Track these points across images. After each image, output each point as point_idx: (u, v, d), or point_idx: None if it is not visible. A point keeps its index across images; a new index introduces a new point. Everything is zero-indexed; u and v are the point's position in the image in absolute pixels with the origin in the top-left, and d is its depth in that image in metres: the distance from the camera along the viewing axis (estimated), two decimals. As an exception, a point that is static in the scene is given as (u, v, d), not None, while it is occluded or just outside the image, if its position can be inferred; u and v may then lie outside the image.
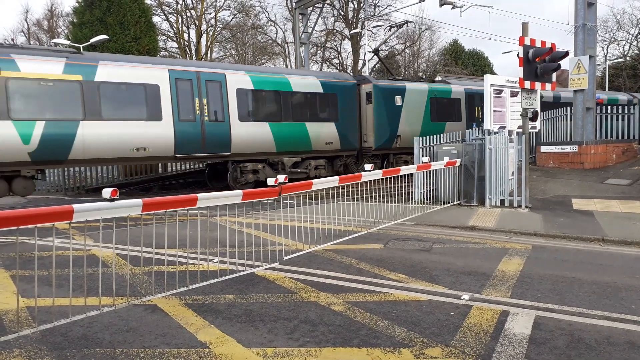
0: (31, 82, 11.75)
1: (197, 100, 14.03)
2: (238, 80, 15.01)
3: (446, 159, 11.13)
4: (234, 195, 5.99)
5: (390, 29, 23.95)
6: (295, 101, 16.39)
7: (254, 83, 15.36)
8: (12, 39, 41.95)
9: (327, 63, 45.48)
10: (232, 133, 14.65)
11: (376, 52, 22.32)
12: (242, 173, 15.44)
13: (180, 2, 37.55)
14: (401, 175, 9.80)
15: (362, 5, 41.16)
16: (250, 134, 15.07)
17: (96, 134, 12.51)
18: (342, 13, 42.68)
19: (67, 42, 23.31)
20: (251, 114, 15.23)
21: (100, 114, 12.61)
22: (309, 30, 27.39)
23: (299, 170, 16.38)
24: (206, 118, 14.16)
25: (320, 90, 16.88)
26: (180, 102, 13.81)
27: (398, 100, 18.62)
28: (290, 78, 16.42)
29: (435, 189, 11.80)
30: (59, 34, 40.30)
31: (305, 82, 16.69)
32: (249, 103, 15.24)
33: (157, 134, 13.39)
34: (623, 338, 4.06)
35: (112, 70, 12.94)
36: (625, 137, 17.90)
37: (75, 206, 4.36)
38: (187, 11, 38.31)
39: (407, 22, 22.09)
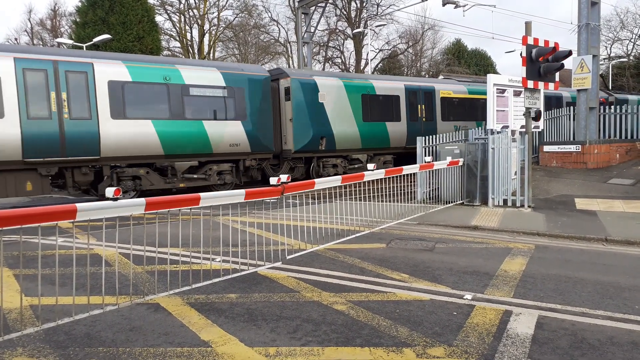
0: None
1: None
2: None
3: (449, 159, 11.12)
4: (237, 195, 6.00)
5: None
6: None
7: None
8: (16, 39, 42.06)
9: (330, 62, 45.50)
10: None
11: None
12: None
13: (183, 1, 37.63)
14: (404, 175, 9.79)
15: (364, 4, 41.14)
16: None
17: None
18: (345, 12, 42.68)
19: (71, 42, 23.38)
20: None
21: None
22: (312, 29, 27.39)
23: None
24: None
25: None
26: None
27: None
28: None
29: (438, 188, 11.78)
30: (62, 34, 40.41)
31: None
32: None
33: None
34: (626, 338, 4.05)
35: None
36: (629, 137, 17.83)
37: (79, 205, 4.38)
38: (189, 11, 38.38)
39: None
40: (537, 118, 10.70)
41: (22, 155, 11.50)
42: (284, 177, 6.56)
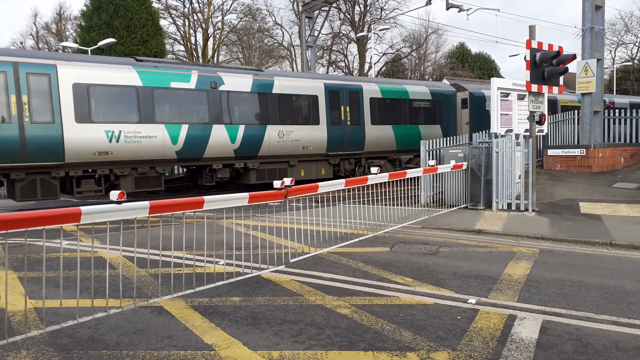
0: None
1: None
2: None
3: (453, 162, 11.10)
4: (240, 198, 6.01)
5: None
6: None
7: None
8: (21, 42, 42.31)
9: (334, 66, 45.57)
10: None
11: None
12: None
13: (188, 5, 37.78)
14: (407, 179, 9.78)
15: (368, 8, 41.21)
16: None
17: None
18: (349, 16, 42.77)
19: (75, 46, 23.51)
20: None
21: None
22: (315, 33, 27.46)
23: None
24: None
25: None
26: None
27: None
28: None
29: (442, 192, 11.76)
30: (67, 37, 40.66)
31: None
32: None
33: None
34: (632, 343, 4.03)
35: None
36: (634, 141, 17.77)
37: (83, 208, 4.39)
38: (194, 14, 38.55)
39: None
40: (541, 122, 10.68)
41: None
42: (287, 181, 6.56)
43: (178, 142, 13.69)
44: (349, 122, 17.25)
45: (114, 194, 4.62)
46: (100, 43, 21.08)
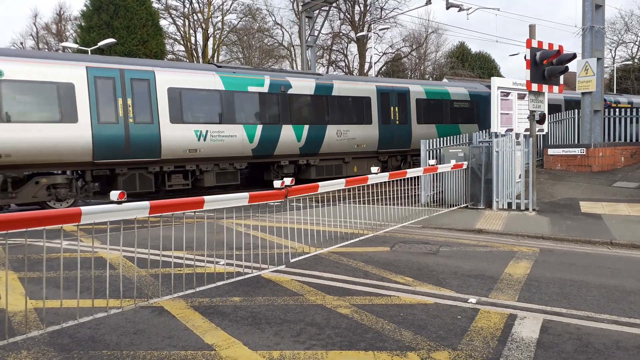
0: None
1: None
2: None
3: (453, 162, 11.10)
4: (241, 198, 6.01)
5: None
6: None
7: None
8: (21, 43, 42.32)
9: (334, 66, 45.57)
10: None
11: None
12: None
13: (187, 5, 37.79)
14: (408, 178, 9.78)
15: (368, 8, 41.21)
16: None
17: None
18: (349, 16, 42.76)
19: (76, 46, 23.51)
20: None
21: None
22: (315, 33, 27.45)
23: None
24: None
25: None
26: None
27: None
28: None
29: (442, 191, 11.76)
30: (67, 38, 40.67)
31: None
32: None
33: None
34: (632, 342, 4.02)
35: None
36: (635, 140, 17.76)
37: (83, 208, 4.39)
38: (194, 15, 38.56)
39: None
40: (541, 121, 10.68)
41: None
42: (287, 181, 6.56)
43: (254, 141, 15.13)
44: (397, 122, 18.63)
45: (114, 194, 4.61)
46: (100, 43, 21.09)
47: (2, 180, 11.44)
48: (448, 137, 12.92)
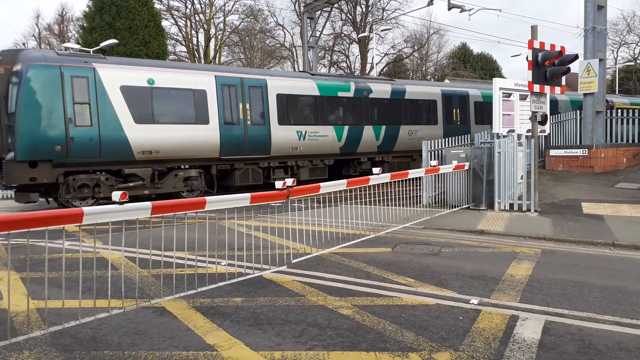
0: None
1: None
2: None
3: (455, 163, 11.09)
4: (242, 199, 6.01)
5: None
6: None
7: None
8: (24, 43, 42.44)
9: (335, 66, 45.57)
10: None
11: None
12: None
13: (189, 6, 37.84)
14: (409, 179, 9.77)
15: (370, 9, 41.23)
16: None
17: None
18: (350, 17, 42.79)
19: (78, 47, 23.56)
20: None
21: None
22: (317, 34, 27.47)
23: None
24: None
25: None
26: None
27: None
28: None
29: (444, 192, 11.75)
30: (69, 39, 40.75)
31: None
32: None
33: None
34: (634, 343, 4.01)
35: None
36: (636, 141, 17.73)
37: (85, 209, 4.40)
38: (196, 15, 38.61)
39: None
40: (543, 122, 10.66)
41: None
42: (289, 181, 6.56)
43: (342, 140, 17.18)
44: (458, 122, 20.39)
45: (116, 195, 4.62)
46: (103, 44, 21.11)
47: (151, 173, 13.50)
48: (450, 138, 12.93)
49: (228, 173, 15.17)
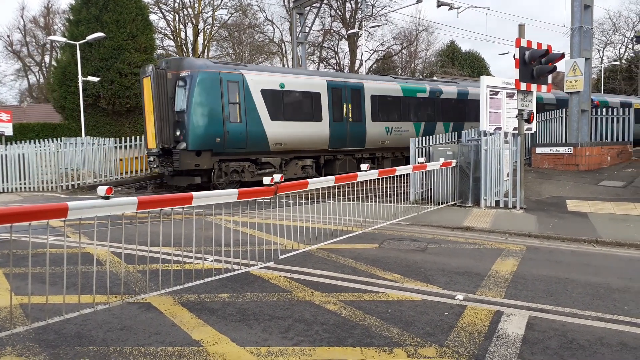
0: None
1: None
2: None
3: (442, 160, 11.15)
4: (230, 194, 5.98)
5: None
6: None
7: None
8: (8, 36, 41.73)
9: (324, 63, 45.52)
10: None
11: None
12: None
13: (178, 0, 37.49)
14: (397, 176, 9.81)
15: (359, 5, 41.19)
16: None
17: None
18: (340, 13, 42.72)
19: (64, 40, 23.23)
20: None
21: None
22: (306, 30, 27.40)
23: None
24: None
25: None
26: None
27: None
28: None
29: (431, 189, 11.82)
30: (55, 32, 40.15)
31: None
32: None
33: None
34: (616, 339, 4.08)
35: None
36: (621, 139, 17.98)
37: (70, 203, 4.35)
38: (184, 9, 38.29)
39: None
40: (529, 120, 10.76)
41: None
42: (277, 177, 6.54)
43: (419, 135, 18.79)
44: None
45: (101, 189, 4.57)
46: (89, 37, 20.82)
47: (280, 161, 16.17)
48: (438, 135, 13.00)
49: (331, 163, 17.67)
